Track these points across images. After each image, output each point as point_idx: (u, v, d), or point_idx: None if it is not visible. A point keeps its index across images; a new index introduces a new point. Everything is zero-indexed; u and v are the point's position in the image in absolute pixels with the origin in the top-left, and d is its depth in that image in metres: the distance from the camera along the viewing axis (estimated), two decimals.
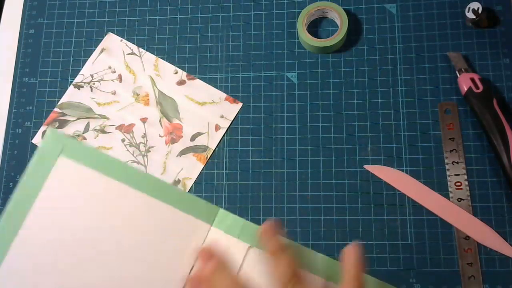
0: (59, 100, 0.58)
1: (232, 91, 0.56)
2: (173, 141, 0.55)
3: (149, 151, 0.55)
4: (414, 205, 0.50)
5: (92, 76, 0.58)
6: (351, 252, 0.39)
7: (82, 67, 0.59)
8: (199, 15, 0.59)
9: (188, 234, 0.40)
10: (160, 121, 0.56)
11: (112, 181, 0.38)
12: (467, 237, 0.48)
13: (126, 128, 0.56)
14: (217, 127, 0.55)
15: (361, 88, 0.54)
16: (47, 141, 0.38)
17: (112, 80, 0.58)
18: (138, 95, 0.57)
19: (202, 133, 0.55)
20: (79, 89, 0.58)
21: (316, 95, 0.54)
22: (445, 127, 0.52)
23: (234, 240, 0.41)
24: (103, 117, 0.57)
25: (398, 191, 0.51)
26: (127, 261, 0.39)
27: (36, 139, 0.57)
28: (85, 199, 0.38)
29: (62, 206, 0.38)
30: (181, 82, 0.57)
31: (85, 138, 0.56)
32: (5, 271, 0.37)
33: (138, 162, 0.54)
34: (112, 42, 0.59)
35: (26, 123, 0.58)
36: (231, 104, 0.55)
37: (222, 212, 0.44)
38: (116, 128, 0.56)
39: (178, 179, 0.53)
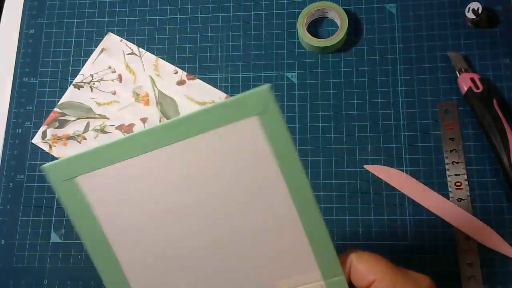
0: (59, 100, 0.58)
1: (232, 91, 0.56)
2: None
3: None
4: (414, 205, 0.50)
5: (92, 76, 0.58)
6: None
7: (82, 67, 0.59)
8: (199, 15, 0.59)
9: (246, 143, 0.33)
10: (160, 121, 0.56)
11: (137, 159, 0.34)
12: (467, 237, 0.48)
13: (126, 128, 0.56)
14: None
15: (361, 88, 0.54)
16: (55, 176, 0.35)
17: (112, 80, 0.58)
18: (138, 95, 0.57)
19: None
20: (79, 89, 0.58)
21: (316, 95, 0.54)
22: (445, 127, 0.52)
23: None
24: (103, 117, 0.57)
25: (398, 191, 0.51)
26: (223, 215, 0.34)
27: (36, 139, 0.57)
28: (140, 191, 0.34)
29: (130, 210, 0.35)
30: (181, 82, 0.57)
31: (85, 138, 0.56)
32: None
33: None
34: (112, 42, 0.59)
35: (26, 123, 0.58)
36: None
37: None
38: (116, 128, 0.56)
39: None
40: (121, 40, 0.59)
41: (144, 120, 0.56)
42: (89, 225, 0.34)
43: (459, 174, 0.50)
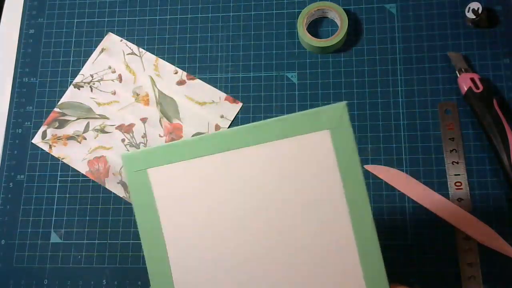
0: (59, 100, 0.58)
1: (232, 91, 0.56)
2: (173, 141, 0.55)
3: None
4: (414, 205, 0.50)
5: (92, 76, 0.58)
6: None
7: (82, 67, 0.59)
8: (199, 15, 0.59)
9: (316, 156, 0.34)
10: (160, 121, 0.56)
11: (206, 159, 0.35)
12: (467, 237, 0.48)
13: (126, 128, 0.56)
14: (217, 127, 0.55)
15: (361, 88, 0.54)
16: (130, 165, 0.35)
17: (112, 80, 0.58)
18: (138, 95, 0.57)
19: (202, 133, 0.55)
20: (79, 89, 0.58)
21: (316, 95, 0.54)
22: (445, 127, 0.52)
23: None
24: (103, 117, 0.57)
25: (398, 191, 0.51)
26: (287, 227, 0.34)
27: (36, 139, 0.57)
28: (204, 191, 0.35)
29: (190, 209, 0.35)
30: (181, 82, 0.57)
31: (85, 138, 0.56)
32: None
33: None
34: (112, 42, 0.59)
35: (26, 123, 0.58)
36: (231, 104, 0.55)
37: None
38: (116, 128, 0.56)
39: None
40: (121, 40, 0.59)
41: (144, 120, 0.56)
42: (149, 216, 0.35)
43: (459, 174, 0.50)
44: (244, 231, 0.34)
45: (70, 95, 0.58)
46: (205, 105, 0.56)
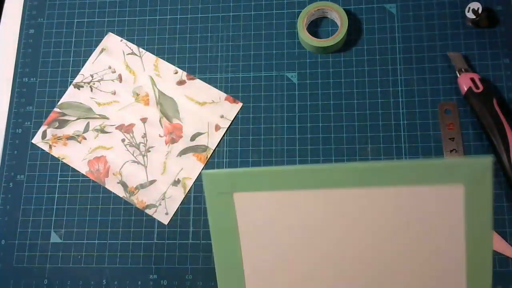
0: (59, 100, 0.58)
1: (232, 91, 0.56)
2: (173, 141, 0.55)
3: (149, 151, 0.55)
4: None
5: (92, 76, 0.58)
6: None
7: (82, 67, 0.59)
8: (199, 15, 0.59)
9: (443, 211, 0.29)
10: (160, 121, 0.56)
11: (305, 193, 0.31)
12: None
13: (126, 128, 0.56)
14: (217, 127, 0.55)
15: (361, 88, 0.54)
16: (212, 186, 0.32)
17: (112, 80, 0.58)
18: (138, 95, 0.57)
19: (202, 133, 0.55)
20: (79, 89, 0.58)
21: (316, 95, 0.54)
22: (445, 127, 0.52)
23: None
24: (103, 117, 0.57)
25: None
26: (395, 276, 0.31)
27: (36, 139, 0.57)
28: (293, 225, 0.31)
29: (274, 242, 0.32)
30: (181, 82, 0.57)
31: (85, 138, 0.56)
32: None
33: (138, 162, 0.54)
34: (112, 42, 0.59)
35: (26, 123, 0.58)
36: (231, 104, 0.55)
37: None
38: (116, 128, 0.56)
39: (178, 179, 0.54)
40: (121, 40, 0.59)
41: (144, 120, 0.56)
42: (230, 243, 0.32)
43: None
44: (334, 274, 0.31)
45: (70, 95, 0.58)
46: (205, 105, 0.56)
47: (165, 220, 0.53)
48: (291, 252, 0.32)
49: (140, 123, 0.56)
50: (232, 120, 0.55)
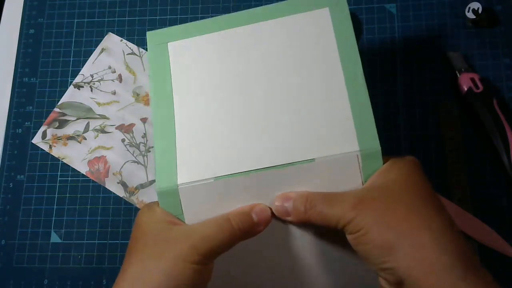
0: (59, 100, 0.58)
1: None
2: None
3: (149, 151, 0.55)
4: None
5: (92, 76, 0.58)
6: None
7: (82, 67, 0.59)
8: (199, 15, 0.59)
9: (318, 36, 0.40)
10: None
11: (219, 33, 0.41)
12: (467, 237, 0.48)
13: (126, 128, 0.56)
14: None
15: None
16: (152, 39, 0.41)
17: (112, 80, 0.58)
18: (138, 95, 0.57)
19: None
20: (79, 89, 0.58)
21: None
22: (445, 127, 0.52)
23: None
24: (103, 117, 0.57)
25: None
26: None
27: (36, 139, 0.57)
28: (215, 61, 0.40)
29: (201, 76, 0.40)
30: None
31: (85, 138, 0.56)
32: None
33: (138, 162, 0.54)
34: (112, 42, 0.59)
35: (26, 123, 0.58)
36: None
37: None
38: (116, 128, 0.56)
39: None
40: (121, 40, 0.59)
41: (144, 120, 0.56)
42: (163, 83, 0.39)
43: (459, 174, 0.50)
44: (248, 91, 0.38)
45: (70, 95, 0.58)
46: None
47: None
48: (214, 83, 0.39)
49: (140, 123, 0.56)
50: None
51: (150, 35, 0.41)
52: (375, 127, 0.36)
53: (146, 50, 0.58)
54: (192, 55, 0.40)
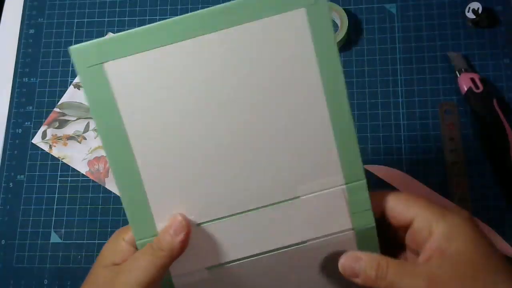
0: (59, 100, 0.58)
1: None
2: None
3: None
4: None
5: None
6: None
7: None
8: None
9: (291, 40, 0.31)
10: None
11: (170, 47, 0.31)
12: None
13: None
14: None
15: (361, 88, 0.54)
16: (81, 60, 0.32)
17: None
18: None
19: None
20: (79, 89, 0.58)
21: None
22: (445, 127, 0.52)
23: None
24: None
25: (398, 191, 0.51)
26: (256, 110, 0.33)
27: (36, 139, 0.57)
28: (168, 82, 0.32)
29: (154, 103, 0.32)
30: None
31: (85, 138, 0.56)
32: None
33: None
34: None
35: (26, 123, 0.58)
36: None
37: None
38: None
39: None
40: None
41: None
42: (109, 114, 0.32)
43: (459, 174, 0.50)
44: (214, 117, 0.32)
45: (70, 95, 0.58)
46: None
47: None
48: (172, 110, 0.32)
49: None
50: None
51: (76, 53, 0.31)
52: (360, 157, 0.33)
53: None
54: (138, 77, 0.31)
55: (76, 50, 0.31)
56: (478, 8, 0.52)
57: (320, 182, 0.33)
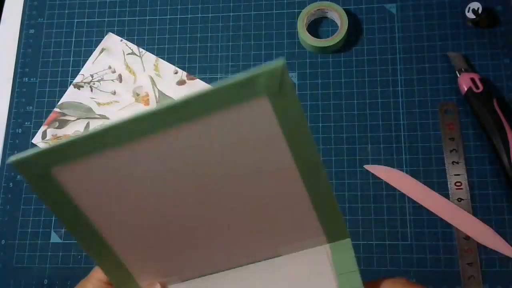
0: (59, 100, 0.58)
1: None
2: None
3: None
4: (414, 205, 0.50)
5: (92, 76, 0.58)
6: None
7: (82, 67, 0.59)
8: (199, 15, 0.59)
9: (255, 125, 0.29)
10: None
11: (125, 148, 0.29)
12: (467, 237, 0.48)
13: None
14: None
15: (361, 88, 0.54)
16: (28, 171, 0.31)
17: (112, 80, 0.58)
18: (138, 95, 0.57)
19: None
20: (79, 89, 0.58)
21: (316, 95, 0.54)
22: (445, 127, 0.52)
23: None
24: (103, 117, 0.57)
25: (398, 191, 0.51)
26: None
27: (36, 139, 0.57)
28: (127, 182, 0.30)
29: (117, 203, 0.31)
30: (181, 82, 0.57)
31: None
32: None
33: None
34: (112, 42, 0.59)
35: (26, 123, 0.58)
36: None
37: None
38: None
39: None
40: (121, 40, 0.59)
41: None
42: (71, 213, 0.31)
43: (459, 174, 0.50)
44: (184, 201, 0.31)
45: (70, 95, 0.58)
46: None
47: None
48: (137, 208, 0.31)
49: None
50: None
51: (20, 166, 0.30)
52: (341, 215, 0.32)
53: (146, 50, 0.58)
54: (95, 179, 0.30)
55: (19, 163, 0.30)
56: (478, 8, 0.52)
57: (302, 243, 0.33)
